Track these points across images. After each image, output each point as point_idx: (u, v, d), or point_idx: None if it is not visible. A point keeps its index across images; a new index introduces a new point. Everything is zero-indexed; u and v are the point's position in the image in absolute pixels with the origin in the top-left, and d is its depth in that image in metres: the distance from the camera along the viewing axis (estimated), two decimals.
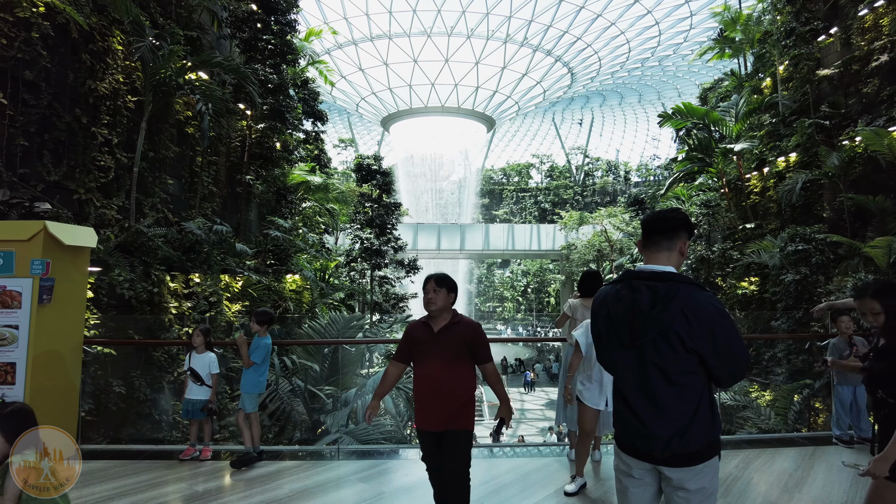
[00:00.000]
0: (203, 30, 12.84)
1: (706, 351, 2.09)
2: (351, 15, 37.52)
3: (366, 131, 64.31)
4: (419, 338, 3.42)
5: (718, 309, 2.12)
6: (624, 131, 66.25)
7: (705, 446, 2.14)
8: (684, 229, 2.32)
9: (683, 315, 2.10)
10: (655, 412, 2.16)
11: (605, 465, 4.94)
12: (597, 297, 2.45)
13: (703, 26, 36.37)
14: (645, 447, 2.21)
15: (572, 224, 32.71)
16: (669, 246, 2.31)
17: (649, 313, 2.14)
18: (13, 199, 7.58)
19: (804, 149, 15.31)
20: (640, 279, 2.26)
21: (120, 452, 5.39)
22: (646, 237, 2.38)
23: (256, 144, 15.08)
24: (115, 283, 8.48)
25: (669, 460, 2.16)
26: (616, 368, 2.33)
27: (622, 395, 2.29)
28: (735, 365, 2.14)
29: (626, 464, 2.33)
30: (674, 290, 2.14)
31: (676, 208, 2.44)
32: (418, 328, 3.46)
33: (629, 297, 2.23)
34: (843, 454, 5.22)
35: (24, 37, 7.91)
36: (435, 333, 3.37)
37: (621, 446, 2.36)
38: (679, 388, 2.13)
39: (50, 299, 4.75)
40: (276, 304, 12.56)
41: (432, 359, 3.33)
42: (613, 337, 2.29)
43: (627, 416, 2.26)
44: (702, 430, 2.13)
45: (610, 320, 2.30)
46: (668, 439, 2.12)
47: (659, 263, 2.31)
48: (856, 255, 12.59)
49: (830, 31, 15.33)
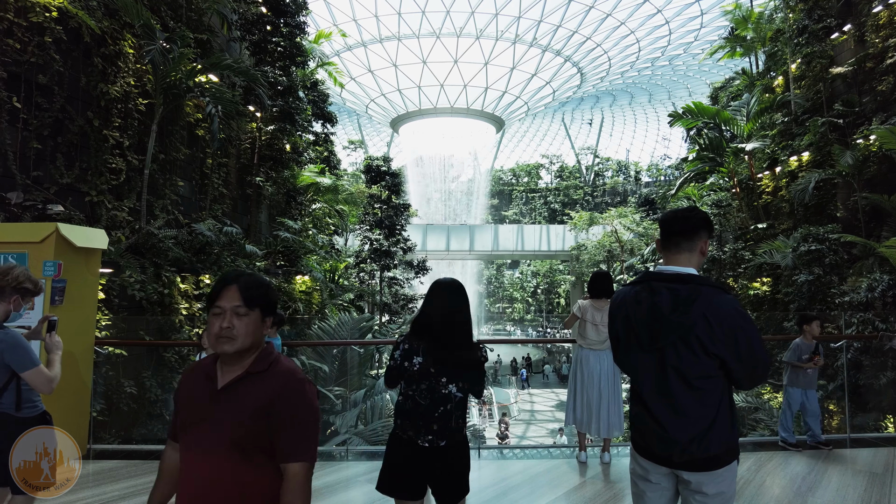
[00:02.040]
0: (213, 33, 12.94)
1: (728, 355, 2.05)
2: (360, 17, 37.63)
3: (375, 133, 64.45)
4: (192, 395, 1.83)
5: (741, 312, 2.09)
6: (634, 131, 65.87)
7: (724, 451, 2.11)
8: (704, 229, 2.26)
9: (705, 319, 2.05)
10: (675, 416, 2.11)
11: (614, 467, 4.91)
12: (614, 299, 2.40)
13: (714, 25, 36.07)
14: (663, 451, 2.16)
15: (582, 224, 32.55)
16: (690, 246, 2.25)
17: (670, 316, 2.10)
18: (27, 201, 7.68)
19: (817, 148, 15.12)
20: (661, 281, 2.21)
21: (131, 452, 5.43)
22: (665, 237, 2.31)
23: (266, 146, 15.17)
24: (127, 285, 8.55)
25: (688, 465, 2.12)
26: (634, 372, 2.28)
27: (641, 398, 2.24)
28: (757, 369, 2.10)
29: (643, 468, 2.29)
30: (695, 293, 2.09)
31: (694, 207, 2.39)
32: (195, 376, 1.87)
33: (649, 299, 2.18)
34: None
35: (38, 41, 8.02)
36: (217, 391, 1.77)
37: (638, 450, 2.31)
38: (699, 393, 2.09)
39: (62, 300, 4.80)
40: (286, 305, 12.61)
41: (200, 440, 1.74)
42: (632, 340, 2.24)
43: (646, 419, 2.21)
44: (721, 435, 2.09)
45: (629, 322, 2.25)
46: (688, 443, 2.08)
47: (679, 264, 2.25)
48: (870, 256, 12.40)
49: (844, 29, 15.14)
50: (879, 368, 9.89)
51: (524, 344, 45.98)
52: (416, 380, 2.75)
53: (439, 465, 2.71)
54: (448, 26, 39.30)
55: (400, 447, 2.76)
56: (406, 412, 2.76)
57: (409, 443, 2.72)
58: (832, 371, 11.39)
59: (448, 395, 2.74)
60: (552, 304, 54.54)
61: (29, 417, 2.85)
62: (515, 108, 49.05)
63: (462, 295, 2.86)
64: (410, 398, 2.76)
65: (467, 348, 2.80)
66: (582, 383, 5.04)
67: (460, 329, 2.77)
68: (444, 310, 2.78)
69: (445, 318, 2.76)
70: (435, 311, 2.80)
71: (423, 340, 2.79)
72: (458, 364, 2.76)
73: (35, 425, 2.84)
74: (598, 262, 32.72)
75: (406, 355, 2.79)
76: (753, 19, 19.30)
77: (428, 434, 2.69)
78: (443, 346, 2.75)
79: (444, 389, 2.73)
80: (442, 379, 2.74)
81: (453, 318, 2.77)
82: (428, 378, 2.74)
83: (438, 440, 2.70)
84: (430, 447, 2.69)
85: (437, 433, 2.70)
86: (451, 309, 2.80)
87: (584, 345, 5.06)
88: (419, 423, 2.70)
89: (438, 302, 2.82)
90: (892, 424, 10.31)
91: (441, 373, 2.74)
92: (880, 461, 4.97)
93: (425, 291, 3.00)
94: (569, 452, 5.41)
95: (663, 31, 39.22)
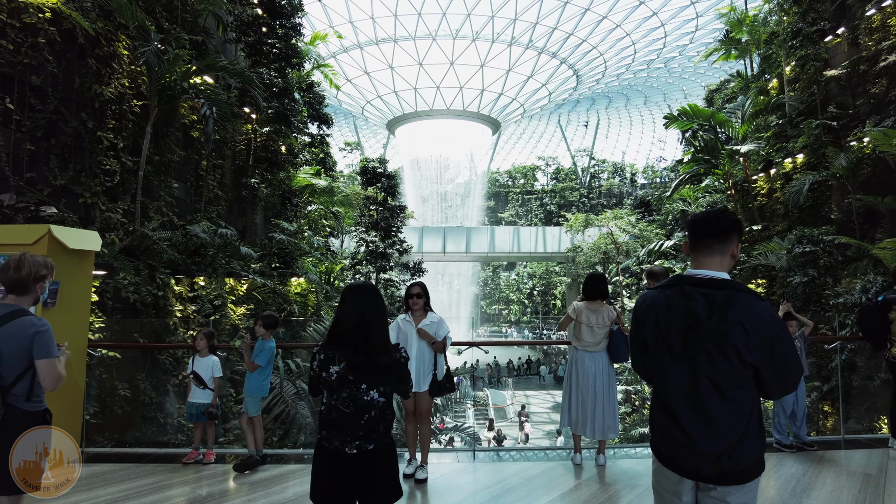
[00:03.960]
0: (208, 34, 12.91)
1: (764, 364, 2.00)
2: (356, 19, 37.64)
3: (371, 134, 64.45)
4: None
5: (777, 320, 2.03)
6: (630, 133, 66.10)
7: (754, 463, 2.05)
8: (736, 231, 2.20)
9: (742, 326, 1.98)
10: (706, 427, 2.02)
11: (609, 469, 4.90)
12: (641, 303, 2.32)
13: (709, 27, 36.24)
14: (692, 464, 2.07)
15: (578, 226, 32.58)
16: (722, 249, 2.18)
17: (706, 323, 2.02)
18: (20, 202, 7.63)
19: (812, 150, 15.19)
20: (693, 285, 2.13)
21: (125, 455, 5.40)
22: (695, 240, 2.24)
23: (261, 148, 15.14)
24: (121, 287, 8.51)
25: (718, 478, 2.04)
26: (662, 380, 2.18)
27: (668, 408, 2.13)
28: (789, 377, 2.06)
29: (668, 479, 2.20)
30: (731, 299, 2.02)
31: (725, 208, 2.33)
32: None
33: (682, 304, 2.11)
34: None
35: (31, 42, 7.97)
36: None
37: (663, 461, 2.21)
38: (731, 403, 2.02)
39: (55, 303, 4.77)
40: (282, 308, 12.57)
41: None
42: (662, 346, 2.15)
43: (674, 430, 2.10)
44: (752, 446, 2.03)
45: (659, 328, 2.16)
46: (718, 456, 2.00)
47: (711, 268, 2.18)
48: (865, 257, 12.46)
49: (838, 32, 15.21)
50: (873, 370, 9.93)
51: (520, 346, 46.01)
52: (335, 389, 2.69)
53: (367, 470, 2.67)
54: (444, 28, 39.36)
55: (327, 458, 2.70)
56: (331, 422, 2.69)
57: (335, 453, 2.67)
58: (826, 373, 11.45)
59: (371, 402, 2.69)
60: (548, 305, 54.56)
61: (35, 412, 2.92)
62: (511, 110, 49.16)
63: (374, 297, 2.81)
64: (334, 408, 2.69)
65: (384, 352, 2.74)
66: (577, 385, 5.04)
67: (374, 332, 2.72)
68: (356, 314, 2.73)
69: (357, 322, 2.71)
70: (347, 316, 2.75)
71: (338, 348, 2.73)
72: (373, 369, 2.70)
73: (39, 421, 2.94)
74: (594, 264, 32.77)
75: (323, 365, 2.73)
76: (748, 22, 19.37)
77: (355, 440, 2.64)
78: (358, 351, 2.68)
79: (366, 396, 2.68)
80: (362, 386, 2.68)
81: (364, 321, 2.71)
82: (347, 386, 2.68)
83: (366, 444, 2.66)
84: (358, 453, 2.65)
85: (363, 438, 2.65)
86: (361, 312, 2.73)
87: (580, 346, 5.06)
88: (346, 433, 2.64)
89: (349, 307, 2.77)
90: (885, 426, 10.34)
91: (360, 380, 2.68)
92: (874, 462, 4.99)
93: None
94: (564, 454, 5.41)
95: (659, 34, 39.38)
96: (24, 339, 2.80)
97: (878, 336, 5.35)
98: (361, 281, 2.97)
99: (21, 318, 2.84)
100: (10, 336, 2.79)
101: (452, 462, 5.34)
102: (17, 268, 2.94)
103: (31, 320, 2.86)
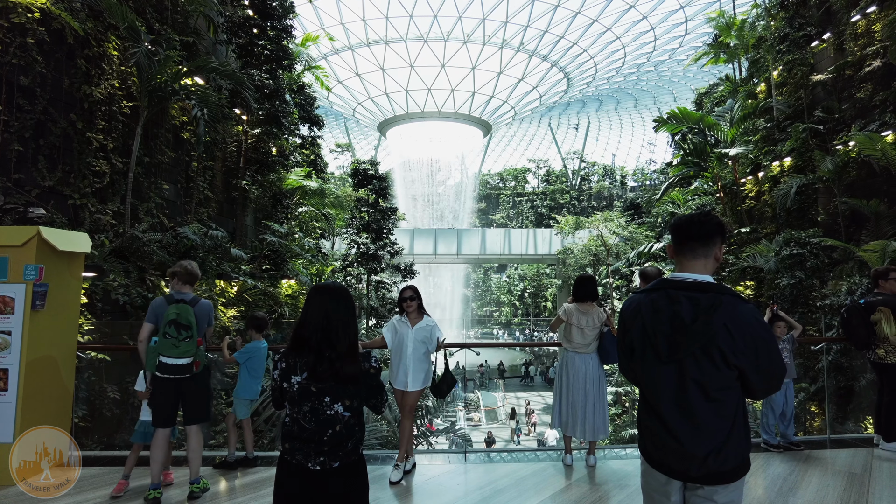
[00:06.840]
0: (199, 35, 12.86)
1: (748, 366, 2.02)
2: (347, 20, 37.60)
3: (363, 136, 64.35)
4: None
5: (761, 322, 2.05)
6: (620, 136, 66.48)
7: (741, 463, 2.08)
8: (719, 234, 2.22)
9: (727, 329, 2.00)
10: (692, 429, 2.05)
11: (599, 469, 4.94)
12: (627, 307, 2.32)
13: (699, 31, 36.59)
14: (680, 466, 2.10)
15: (569, 228, 32.72)
16: (706, 253, 2.20)
17: (692, 326, 2.04)
18: (7, 204, 7.57)
19: (799, 153, 15.39)
20: (678, 289, 2.15)
21: (114, 458, 5.35)
22: (679, 243, 2.25)
23: (252, 149, 15.09)
24: (110, 289, 8.46)
25: (705, 479, 2.07)
26: (650, 383, 2.19)
27: (656, 411, 2.15)
28: (773, 379, 2.08)
29: (657, 480, 2.23)
30: (716, 302, 2.04)
31: (708, 211, 2.35)
32: None
33: (668, 308, 2.12)
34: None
35: (20, 42, 7.92)
36: None
37: (652, 463, 2.23)
38: (717, 404, 2.04)
39: (43, 305, 4.74)
40: (272, 310, 12.53)
41: None
42: (649, 350, 2.16)
43: (661, 433, 2.13)
44: (738, 447, 2.05)
45: (646, 332, 2.17)
46: (705, 457, 2.03)
47: (695, 271, 2.20)
48: (851, 259, 12.64)
49: (824, 37, 15.44)
50: (859, 370, 10.06)
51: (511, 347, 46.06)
52: (297, 401, 2.46)
53: (332, 488, 2.45)
54: (435, 31, 39.41)
55: (290, 473, 2.47)
56: (293, 436, 2.45)
57: (298, 468, 2.44)
58: (814, 373, 11.59)
59: (335, 417, 2.45)
60: (539, 307, 54.73)
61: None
62: (502, 112, 49.31)
63: (341, 298, 2.55)
64: (296, 421, 2.46)
65: (350, 360, 2.48)
66: (567, 386, 5.06)
67: (339, 336, 2.48)
68: (320, 316, 2.50)
69: (321, 325, 2.48)
70: (312, 318, 2.51)
71: (301, 355, 2.49)
72: (338, 379, 2.45)
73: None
74: (585, 266, 32.92)
75: (284, 375, 2.49)
76: (737, 27, 19.60)
77: (319, 456, 2.42)
78: (322, 358, 2.44)
79: (329, 410, 2.44)
80: (325, 399, 2.44)
81: (330, 324, 2.48)
82: (309, 398, 2.44)
83: (331, 461, 2.43)
84: (322, 470, 2.42)
85: (328, 454, 2.43)
86: (326, 314, 2.50)
87: (570, 348, 5.09)
88: (308, 448, 2.42)
89: (315, 309, 2.53)
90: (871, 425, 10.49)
91: (323, 392, 2.44)
92: (859, 462, 5.06)
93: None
94: (555, 456, 5.44)
95: (649, 38, 39.68)
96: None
97: (863, 338, 5.44)
98: (330, 280, 2.71)
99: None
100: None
101: (443, 463, 5.35)
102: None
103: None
